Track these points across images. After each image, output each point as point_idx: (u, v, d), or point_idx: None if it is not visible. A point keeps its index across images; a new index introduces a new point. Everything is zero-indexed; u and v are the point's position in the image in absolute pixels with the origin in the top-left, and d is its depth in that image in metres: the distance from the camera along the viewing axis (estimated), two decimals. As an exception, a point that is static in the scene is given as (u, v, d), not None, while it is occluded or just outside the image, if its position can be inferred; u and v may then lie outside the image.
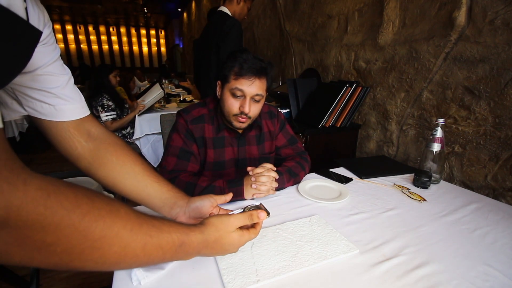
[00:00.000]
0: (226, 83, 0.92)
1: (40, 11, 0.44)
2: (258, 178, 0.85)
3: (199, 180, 0.88)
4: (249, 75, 0.87)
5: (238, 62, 0.88)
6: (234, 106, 0.91)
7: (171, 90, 4.77)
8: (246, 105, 0.89)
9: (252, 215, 0.54)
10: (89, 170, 0.57)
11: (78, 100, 0.55)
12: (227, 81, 0.91)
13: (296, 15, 2.46)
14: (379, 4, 1.57)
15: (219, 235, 0.50)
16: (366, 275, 0.57)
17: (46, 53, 0.48)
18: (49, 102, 0.50)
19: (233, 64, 0.89)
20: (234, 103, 0.91)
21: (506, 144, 1.07)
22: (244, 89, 0.88)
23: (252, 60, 0.88)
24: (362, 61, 1.76)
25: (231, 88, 0.90)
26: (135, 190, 0.59)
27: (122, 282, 0.54)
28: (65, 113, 0.52)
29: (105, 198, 0.36)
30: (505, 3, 1.03)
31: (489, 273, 0.58)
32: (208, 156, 1.00)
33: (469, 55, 1.16)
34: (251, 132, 1.05)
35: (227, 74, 0.90)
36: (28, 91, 0.48)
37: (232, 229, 0.51)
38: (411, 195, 0.93)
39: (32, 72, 0.46)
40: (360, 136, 1.84)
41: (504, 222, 0.78)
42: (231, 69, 0.89)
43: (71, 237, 0.31)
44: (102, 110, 2.42)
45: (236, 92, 0.89)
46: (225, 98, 0.92)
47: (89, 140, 0.57)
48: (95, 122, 0.59)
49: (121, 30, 11.21)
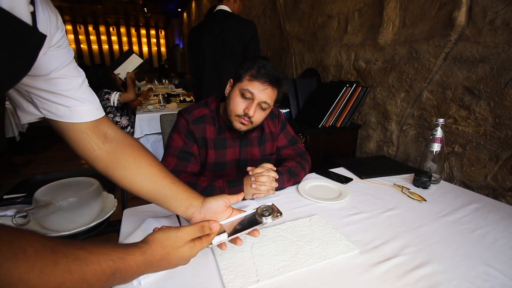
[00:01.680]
0: (238, 82, 0.91)
1: (52, 14, 0.45)
2: (258, 178, 0.85)
3: (199, 180, 0.88)
4: (264, 80, 0.87)
5: (257, 65, 0.88)
6: (239, 106, 0.90)
7: (171, 90, 4.77)
8: (252, 108, 0.88)
9: (203, 227, 0.52)
10: (107, 172, 0.58)
11: (93, 101, 0.55)
12: (240, 80, 0.91)
13: (296, 15, 2.46)
14: (379, 4, 1.57)
15: (166, 252, 0.47)
16: (366, 275, 0.57)
17: (60, 56, 0.48)
18: (64, 104, 0.50)
19: (252, 66, 0.89)
20: (240, 103, 0.90)
21: (506, 144, 1.07)
22: (254, 93, 0.88)
23: (271, 68, 0.89)
24: (362, 61, 1.76)
25: (242, 88, 0.89)
26: (152, 191, 0.60)
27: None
28: (81, 114, 0.53)
29: (9, 236, 0.31)
30: (505, 3, 1.03)
31: (489, 273, 0.58)
32: (208, 157, 0.99)
33: (469, 55, 1.16)
34: (253, 134, 1.05)
35: (242, 74, 0.90)
36: (43, 94, 0.49)
37: (181, 244, 0.49)
38: (411, 195, 0.93)
39: (46, 75, 0.47)
40: (360, 136, 1.84)
41: (504, 222, 0.78)
42: (248, 70, 0.89)
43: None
44: (109, 94, 2.51)
45: (246, 93, 0.88)
46: (233, 96, 0.92)
47: (106, 142, 0.57)
48: (111, 123, 0.60)
49: (121, 30, 11.21)
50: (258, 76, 0.87)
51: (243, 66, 0.91)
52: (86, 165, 3.45)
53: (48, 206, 0.70)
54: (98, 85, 2.54)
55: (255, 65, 0.88)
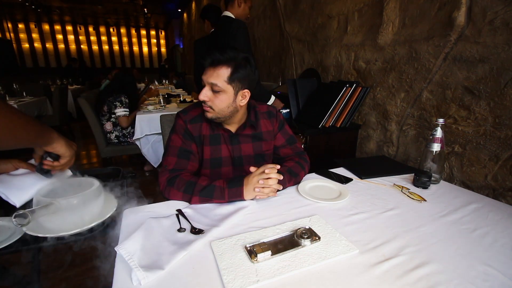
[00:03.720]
0: None
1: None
2: (266, 181, 0.85)
3: (199, 179, 0.88)
4: (208, 66, 0.92)
5: (206, 56, 0.93)
6: (200, 96, 0.95)
7: (171, 91, 4.78)
8: (202, 92, 0.93)
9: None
10: None
11: None
12: None
13: (296, 15, 2.47)
14: (379, 4, 1.58)
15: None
16: (365, 275, 0.57)
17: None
18: None
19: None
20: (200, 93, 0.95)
21: (506, 144, 1.07)
22: (203, 78, 0.93)
23: (215, 52, 0.91)
24: (362, 61, 1.76)
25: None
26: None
27: (122, 282, 0.55)
28: None
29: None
30: (504, 3, 1.03)
31: (489, 273, 0.58)
32: (205, 153, 1.02)
33: (469, 55, 1.16)
34: (245, 131, 1.06)
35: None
36: None
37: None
38: (411, 195, 0.93)
39: None
40: (360, 136, 1.84)
41: (504, 222, 0.78)
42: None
43: None
44: (121, 105, 2.54)
45: (202, 82, 0.94)
46: None
47: None
48: None
49: (121, 31, 11.20)
50: (205, 65, 0.93)
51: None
52: (86, 165, 3.45)
53: (49, 206, 0.70)
54: (120, 90, 2.59)
55: (206, 57, 0.93)
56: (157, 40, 12.03)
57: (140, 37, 11.59)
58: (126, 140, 2.70)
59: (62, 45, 10.11)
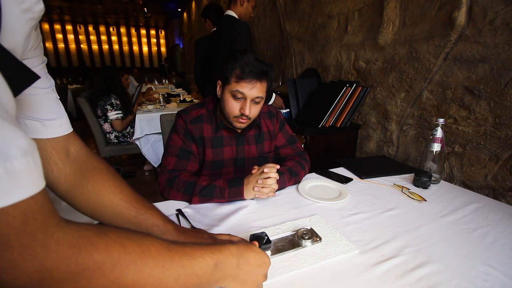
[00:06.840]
0: (227, 85, 0.91)
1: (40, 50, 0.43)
2: (265, 181, 0.84)
3: (199, 180, 0.88)
4: (250, 78, 0.87)
5: (239, 65, 0.88)
6: (235, 108, 0.91)
7: (171, 90, 4.77)
8: (247, 107, 0.90)
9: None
10: (65, 199, 0.52)
11: (62, 115, 0.49)
12: (228, 82, 0.91)
13: (296, 15, 2.46)
14: (379, 4, 1.57)
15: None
16: (366, 275, 0.57)
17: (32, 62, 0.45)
18: (35, 117, 0.45)
19: (234, 66, 0.88)
20: (235, 105, 0.91)
21: (506, 144, 1.07)
22: (245, 92, 0.88)
23: (253, 62, 0.88)
24: (362, 61, 1.76)
25: (232, 90, 0.90)
26: (115, 223, 0.55)
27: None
28: (47, 130, 0.46)
29: (137, 237, 0.36)
30: (505, 3, 1.03)
31: (489, 273, 0.58)
32: (206, 156, 1.00)
33: (469, 55, 1.16)
34: (250, 132, 1.06)
35: (228, 76, 0.90)
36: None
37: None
38: (411, 195, 0.93)
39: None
40: (360, 136, 1.84)
41: (504, 222, 0.78)
42: (232, 71, 0.89)
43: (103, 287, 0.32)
44: (112, 108, 2.50)
45: (237, 94, 0.89)
46: (226, 99, 0.92)
47: (67, 162, 0.50)
48: (76, 139, 0.53)
49: (121, 30, 11.18)
50: (243, 76, 0.87)
51: (227, 68, 0.90)
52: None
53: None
54: (106, 90, 2.54)
55: (237, 65, 0.88)
56: (157, 39, 12.02)
57: (140, 36, 11.58)
58: (126, 140, 2.70)
59: (62, 45, 10.09)
